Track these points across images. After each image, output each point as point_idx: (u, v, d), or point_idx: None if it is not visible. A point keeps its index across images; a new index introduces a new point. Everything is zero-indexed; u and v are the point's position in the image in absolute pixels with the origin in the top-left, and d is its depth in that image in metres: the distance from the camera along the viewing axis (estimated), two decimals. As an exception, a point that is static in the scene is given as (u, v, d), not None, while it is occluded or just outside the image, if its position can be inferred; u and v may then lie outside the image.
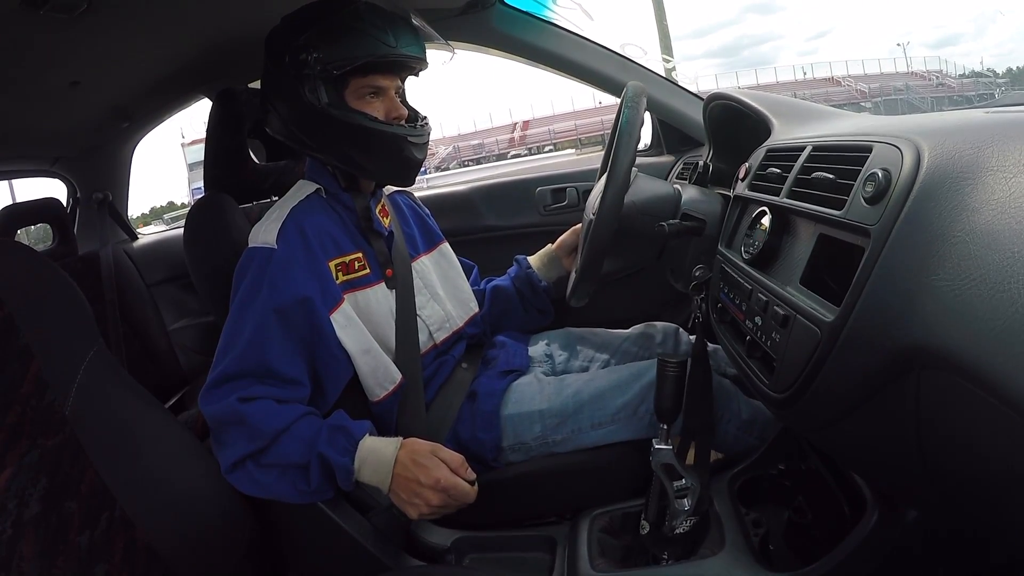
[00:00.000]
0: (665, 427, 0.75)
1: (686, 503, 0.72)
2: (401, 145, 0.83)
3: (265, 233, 0.80)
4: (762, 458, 0.83)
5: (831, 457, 0.73)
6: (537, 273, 1.06)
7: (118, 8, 0.80)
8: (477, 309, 1.03)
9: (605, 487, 0.86)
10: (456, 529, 0.86)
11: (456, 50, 1.31)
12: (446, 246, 1.05)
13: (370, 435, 0.77)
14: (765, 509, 0.79)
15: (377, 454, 0.75)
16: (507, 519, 0.88)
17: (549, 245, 1.09)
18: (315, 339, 0.79)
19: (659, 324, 1.08)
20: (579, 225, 1.02)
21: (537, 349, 1.04)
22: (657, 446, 0.74)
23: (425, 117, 0.89)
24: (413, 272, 0.92)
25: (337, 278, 0.83)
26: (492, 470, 0.86)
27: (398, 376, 0.85)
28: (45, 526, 0.59)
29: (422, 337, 0.90)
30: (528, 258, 1.09)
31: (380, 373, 0.84)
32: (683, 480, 0.72)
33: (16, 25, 0.75)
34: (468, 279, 1.07)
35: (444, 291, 0.97)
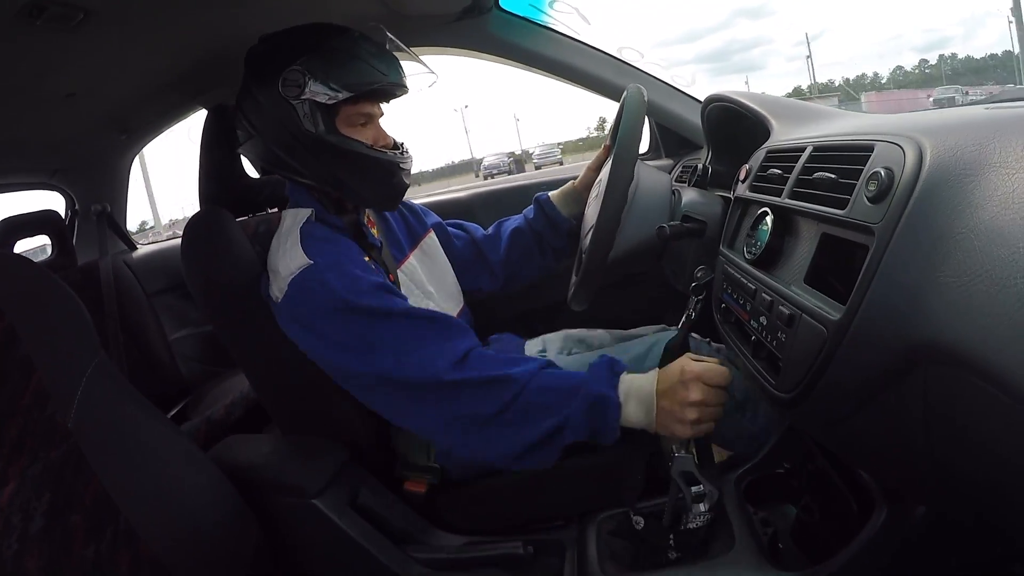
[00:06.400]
0: None
1: (703, 507, 0.72)
2: (393, 171, 0.84)
3: (292, 260, 0.77)
4: (768, 457, 0.83)
5: (837, 455, 0.73)
6: (559, 209, 1.06)
7: (114, 19, 0.80)
8: (463, 304, 1.03)
9: (612, 489, 0.85)
10: (463, 535, 0.85)
11: (450, 56, 1.32)
12: (428, 240, 1.04)
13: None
14: (773, 508, 0.79)
15: (637, 384, 0.73)
16: (514, 524, 0.87)
17: (572, 182, 1.07)
18: None
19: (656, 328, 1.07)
20: (599, 156, 1.01)
21: (532, 349, 1.03)
22: (676, 453, 0.73)
23: (403, 143, 0.89)
24: (401, 275, 0.93)
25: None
26: (498, 474, 0.86)
27: None
28: (50, 540, 0.58)
29: None
30: (549, 195, 1.08)
31: None
32: (700, 486, 0.72)
33: (13, 36, 0.75)
34: (471, 241, 1.09)
35: (433, 287, 0.98)
